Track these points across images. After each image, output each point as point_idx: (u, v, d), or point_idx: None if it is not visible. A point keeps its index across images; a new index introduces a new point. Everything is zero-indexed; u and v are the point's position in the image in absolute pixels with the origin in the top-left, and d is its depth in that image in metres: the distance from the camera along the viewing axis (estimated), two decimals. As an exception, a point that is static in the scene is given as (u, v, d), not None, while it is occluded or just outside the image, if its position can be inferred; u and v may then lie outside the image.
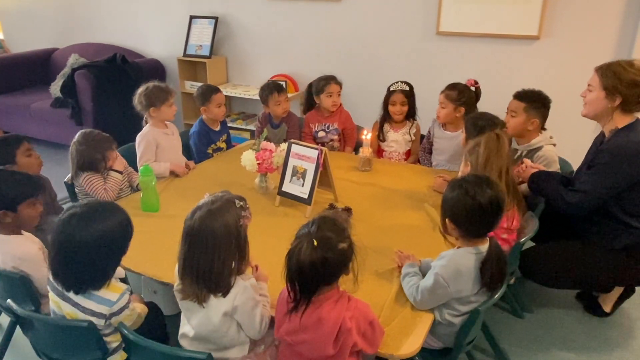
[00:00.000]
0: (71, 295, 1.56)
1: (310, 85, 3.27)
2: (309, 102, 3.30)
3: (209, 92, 3.07)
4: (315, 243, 1.36)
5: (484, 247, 1.64)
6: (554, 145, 2.56)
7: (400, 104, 3.05)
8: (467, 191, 1.62)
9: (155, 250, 2.01)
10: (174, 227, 2.10)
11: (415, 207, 2.40)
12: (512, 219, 2.11)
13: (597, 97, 2.17)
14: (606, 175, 2.10)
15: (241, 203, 1.51)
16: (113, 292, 1.57)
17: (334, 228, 1.41)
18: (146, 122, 2.80)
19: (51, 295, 1.62)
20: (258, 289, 1.61)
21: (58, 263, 1.53)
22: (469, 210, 1.61)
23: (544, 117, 2.54)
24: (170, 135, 2.84)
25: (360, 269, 1.44)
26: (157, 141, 2.75)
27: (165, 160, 2.77)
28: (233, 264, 1.49)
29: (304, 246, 1.37)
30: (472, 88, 2.87)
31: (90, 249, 1.49)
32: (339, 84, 3.18)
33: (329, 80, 3.15)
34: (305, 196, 2.31)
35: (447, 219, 1.69)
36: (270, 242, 2.03)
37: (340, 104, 3.24)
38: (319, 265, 1.36)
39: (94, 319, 1.55)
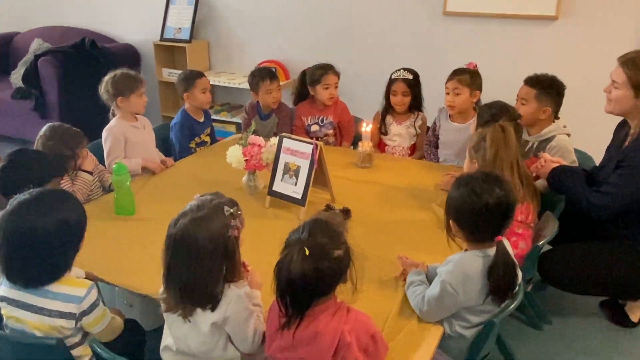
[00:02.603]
0: (33, 300, 1.57)
1: (303, 74, 3.25)
2: (302, 93, 3.29)
3: (192, 77, 3.08)
4: (307, 252, 1.35)
5: (492, 250, 1.65)
6: (568, 135, 2.57)
7: (402, 94, 3.05)
8: (474, 190, 1.62)
9: (131, 258, 2.00)
10: (151, 231, 2.10)
11: (421, 207, 2.40)
12: (528, 213, 2.12)
13: (624, 95, 2.14)
14: (637, 177, 2.10)
15: (231, 210, 1.50)
16: (79, 287, 1.59)
17: (328, 233, 1.40)
18: (114, 115, 2.80)
19: (7, 310, 1.61)
20: (252, 298, 1.61)
21: (13, 256, 1.54)
22: (474, 211, 1.61)
23: (557, 105, 2.56)
24: (141, 129, 2.84)
25: (360, 276, 1.44)
26: (126, 136, 2.74)
27: (136, 155, 2.77)
28: (220, 277, 1.49)
29: (294, 256, 1.36)
30: None
31: (50, 236, 1.53)
32: (337, 75, 3.16)
33: (326, 69, 3.13)
34: (299, 196, 2.31)
35: (451, 220, 1.70)
36: (260, 248, 2.01)
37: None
38: (311, 277, 1.35)
39: (62, 322, 1.57)
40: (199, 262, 1.45)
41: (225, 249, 1.48)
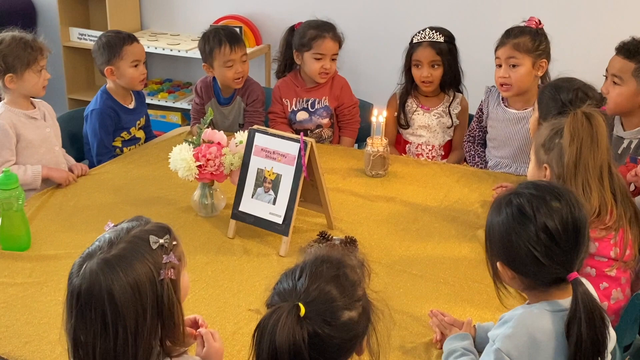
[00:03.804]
0: None
1: (291, 32, 3.27)
2: (288, 60, 3.31)
3: (118, 42, 3.08)
4: (302, 311, 1.33)
5: (567, 300, 1.63)
6: None
7: (429, 65, 3.07)
8: (522, 210, 1.62)
9: (24, 317, 1.98)
10: (55, 275, 2.09)
11: (462, 236, 2.41)
12: (625, 246, 2.11)
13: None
14: None
15: (161, 240, 1.49)
16: None
17: (338, 282, 1.39)
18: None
19: None
20: None
21: None
22: (529, 243, 1.60)
23: None
24: (39, 121, 2.83)
25: (383, 346, 1.44)
26: (17, 130, 2.73)
27: (32, 161, 2.76)
28: (154, 347, 1.47)
29: (282, 316, 1.33)
30: None
31: None
32: (338, 41, 3.18)
33: (321, 31, 3.14)
34: (279, 220, 2.30)
35: (498, 263, 1.69)
36: (221, 300, 2.00)
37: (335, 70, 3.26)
38: (306, 350, 1.33)
39: None
40: (118, 329, 1.42)
41: (157, 301, 1.45)
